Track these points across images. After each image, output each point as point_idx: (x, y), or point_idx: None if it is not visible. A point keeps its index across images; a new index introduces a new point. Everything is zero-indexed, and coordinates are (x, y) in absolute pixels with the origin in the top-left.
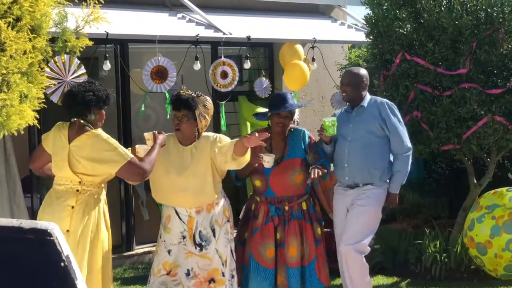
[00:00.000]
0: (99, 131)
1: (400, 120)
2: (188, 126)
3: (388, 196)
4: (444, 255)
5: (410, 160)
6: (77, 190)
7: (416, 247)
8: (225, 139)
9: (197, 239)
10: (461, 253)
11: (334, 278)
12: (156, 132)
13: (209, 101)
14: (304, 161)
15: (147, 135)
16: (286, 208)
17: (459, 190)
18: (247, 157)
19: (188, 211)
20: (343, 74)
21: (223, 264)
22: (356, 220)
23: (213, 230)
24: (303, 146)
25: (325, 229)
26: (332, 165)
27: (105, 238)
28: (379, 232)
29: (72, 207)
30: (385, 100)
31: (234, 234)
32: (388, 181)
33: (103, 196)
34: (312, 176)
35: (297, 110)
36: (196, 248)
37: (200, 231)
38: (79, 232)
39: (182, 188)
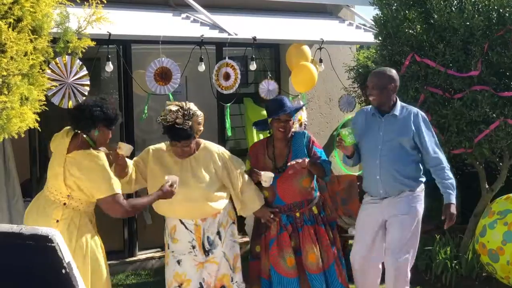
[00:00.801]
0: (99, 154)
1: (433, 133)
2: (190, 149)
3: (447, 208)
4: (455, 262)
5: (449, 170)
6: (64, 204)
7: (426, 254)
8: (234, 163)
9: (206, 246)
10: (472, 260)
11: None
12: (167, 186)
13: (200, 115)
14: None
15: (121, 145)
16: (297, 214)
17: (471, 195)
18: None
19: (194, 220)
20: (368, 76)
21: (231, 269)
22: (402, 229)
23: (218, 233)
24: (306, 150)
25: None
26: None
27: (96, 257)
28: None
29: (57, 221)
30: (418, 110)
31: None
32: (422, 180)
33: (91, 214)
34: (292, 162)
35: (305, 112)
36: (204, 255)
37: (208, 237)
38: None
39: (187, 200)
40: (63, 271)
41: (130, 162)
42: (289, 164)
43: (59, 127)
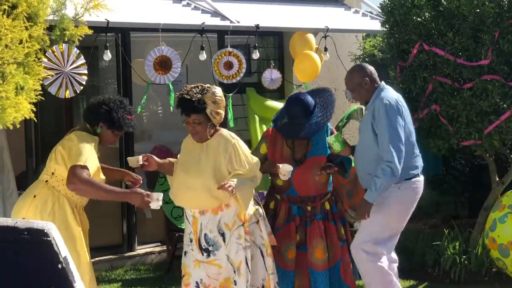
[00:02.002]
0: (95, 141)
1: (392, 123)
2: (202, 129)
3: (361, 205)
4: (464, 257)
5: (389, 175)
6: (46, 181)
7: (434, 249)
8: (242, 157)
9: (203, 244)
10: (482, 255)
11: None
12: (138, 190)
13: (218, 94)
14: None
15: (128, 159)
16: (309, 208)
17: (480, 188)
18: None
19: (192, 211)
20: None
21: (235, 272)
22: (369, 220)
23: (222, 234)
24: (327, 142)
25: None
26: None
27: (84, 247)
28: None
29: (34, 196)
30: (386, 99)
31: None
32: (404, 179)
33: (78, 200)
34: (319, 173)
35: None
36: (203, 254)
37: (205, 234)
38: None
39: (185, 187)
40: (59, 266)
41: None
42: (316, 176)
43: (56, 118)
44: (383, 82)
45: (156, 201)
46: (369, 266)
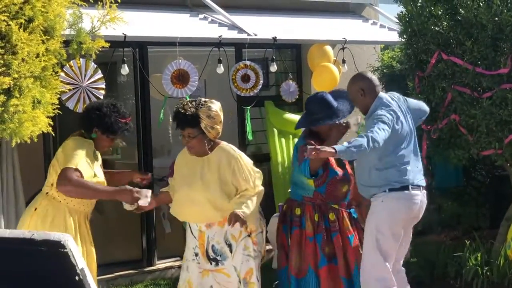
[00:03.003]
0: (89, 145)
1: (379, 111)
2: (197, 143)
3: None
4: (486, 268)
5: (363, 147)
6: (47, 193)
7: (456, 260)
8: (245, 171)
9: (211, 254)
10: (504, 266)
11: None
12: (128, 187)
13: (214, 110)
14: None
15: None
16: (331, 217)
17: (501, 199)
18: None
19: (198, 225)
20: None
21: (240, 282)
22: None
23: (229, 245)
24: None
25: None
26: None
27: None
28: (416, 244)
29: (35, 209)
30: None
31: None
32: (387, 191)
33: (81, 209)
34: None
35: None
36: (211, 263)
37: (213, 245)
38: None
39: (190, 202)
40: (76, 277)
41: None
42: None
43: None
44: (381, 92)
45: (145, 197)
46: None
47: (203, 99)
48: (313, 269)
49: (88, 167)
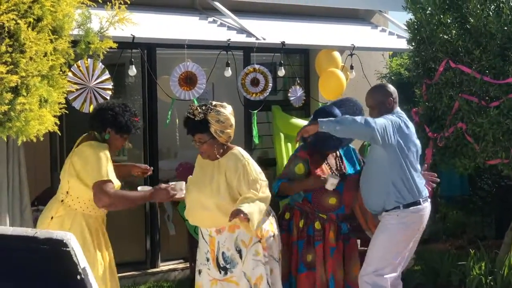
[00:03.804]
0: (101, 144)
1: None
2: (208, 147)
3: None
4: (490, 278)
5: (349, 120)
6: (62, 201)
7: (460, 269)
8: (251, 177)
9: (221, 262)
10: (508, 276)
11: None
12: (162, 185)
13: (223, 114)
14: None
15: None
16: (348, 225)
17: (507, 209)
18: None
19: (209, 230)
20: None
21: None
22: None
23: (239, 251)
24: (356, 163)
25: (361, 248)
26: None
27: (97, 262)
28: (420, 252)
29: (52, 218)
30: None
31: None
32: (401, 207)
33: (97, 214)
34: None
35: None
36: (220, 272)
37: (223, 252)
38: None
39: (200, 206)
40: (78, 277)
41: None
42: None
43: (82, 134)
44: (398, 107)
45: (180, 191)
46: None
47: (213, 103)
48: (293, 275)
49: (114, 175)
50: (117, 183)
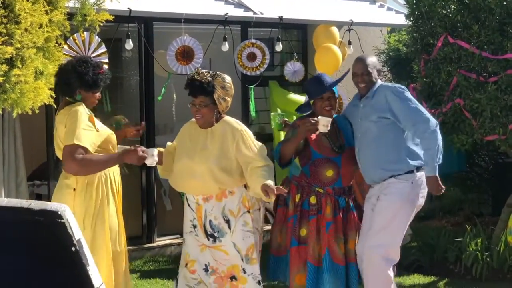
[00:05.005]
0: (78, 107)
1: (410, 100)
2: (207, 112)
3: (427, 183)
4: (486, 254)
5: (439, 135)
6: None
7: (456, 245)
8: (250, 143)
9: (208, 229)
10: (504, 252)
11: None
12: (133, 147)
13: (228, 81)
14: None
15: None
16: (346, 199)
17: (504, 186)
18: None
19: (196, 197)
20: (354, 64)
21: (242, 260)
22: (378, 218)
23: (228, 221)
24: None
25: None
26: None
27: (113, 213)
28: (416, 229)
29: (74, 189)
30: (391, 84)
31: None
32: (415, 171)
33: (109, 170)
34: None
35: (345, 94)
36: (208, 239)
37: (210, 221)
38: (83, 213)
39: (190, 173)
40: (73, 248)
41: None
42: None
43: None
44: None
45: (151, 157)
46: (380, 273)
47: (217, 72)
48: (288, 249)
49: (91, 133)
50: (96, 143)
